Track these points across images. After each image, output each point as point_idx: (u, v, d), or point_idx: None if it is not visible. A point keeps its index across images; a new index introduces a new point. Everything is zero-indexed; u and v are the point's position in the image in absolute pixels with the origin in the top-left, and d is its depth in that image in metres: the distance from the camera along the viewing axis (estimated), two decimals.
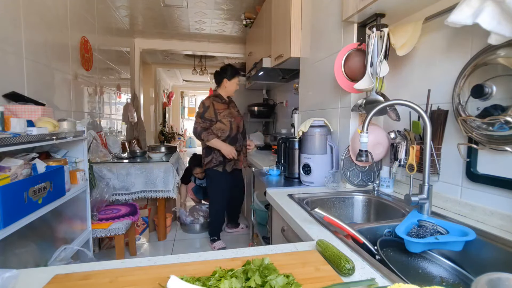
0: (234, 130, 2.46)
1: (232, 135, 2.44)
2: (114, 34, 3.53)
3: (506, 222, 0.87)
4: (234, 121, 2.46)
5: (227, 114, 2.43)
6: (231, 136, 2.44)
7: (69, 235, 1.62)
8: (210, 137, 2.35)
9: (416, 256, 0.88)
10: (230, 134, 2.43)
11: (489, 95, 0.88)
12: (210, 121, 2.40)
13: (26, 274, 0.61)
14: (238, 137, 2.49)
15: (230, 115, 2.45)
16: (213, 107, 2.40)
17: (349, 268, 0.60)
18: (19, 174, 1.19)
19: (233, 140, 2.45)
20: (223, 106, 2.45)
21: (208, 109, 2.40)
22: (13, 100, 1.50)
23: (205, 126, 2.39)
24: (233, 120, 2.45)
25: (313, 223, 0.96)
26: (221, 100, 2.47)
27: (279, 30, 2.30)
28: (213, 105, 2.41)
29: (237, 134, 2.48)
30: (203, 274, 0.55)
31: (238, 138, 2.49)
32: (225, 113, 2.42)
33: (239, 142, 2.51)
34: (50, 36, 1.96)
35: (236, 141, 2.47)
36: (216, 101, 2.44)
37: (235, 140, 2.47)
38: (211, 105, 2.41)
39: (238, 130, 2.50)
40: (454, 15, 0.84)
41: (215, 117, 2.40)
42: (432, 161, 1.06)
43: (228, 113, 2.44)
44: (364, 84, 1.22)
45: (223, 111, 2.42)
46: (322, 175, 1.46)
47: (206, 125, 2.39)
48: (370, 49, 1.20)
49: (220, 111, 2.42)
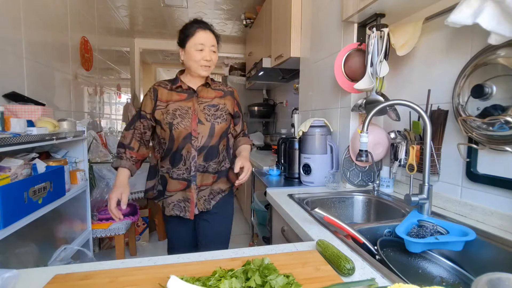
0: (179, 140, 1.21)
1: (174, 148, 1.22)
2: (114, 34, 3.53)
3: (506, 222, 0.87)
4: (182, 126, 1.20)
5: (174, 110, 1.21)
6: (173, 150, 1.23)
7: (69, 235, 1.62)
8: (116, 162, 1.23)
9: (416, 256, 0.88)
10: (171, 147, 1.22)
11: (489, 95, 0.88)
12: (142, 120, 1.25)
13: (26, 274, 0.61)
14: (185, 153, 1.22)
15: (178, 112, 1.21)
16: (153, 96, 1.24)
17: (349, 268, 0.60)
18: (19, 174, 1.19)
19: (175, 158, 1.23)
20: (176, 96, 1.25)
21: (145, 98, 1.27)
22: (13, 100, 1.50)
23: (126, 135, 1.26)
24: (182, 124, 1.20)
25: (313, 223, 0.96)
26: (170, 86, 1.26)
27: (279, 30, 2.30)
28: (153, 93, 1.25)
29: (183, 148, 1.22)
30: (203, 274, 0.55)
31: (185, 155, 1.22)
32: (171, 107, 1.22)
33: (189, 161, 1.22)
34: (50, 36, 1.96)
35: (180, 160, 1.23)
36: (161, 87, 1.26)
37: (179, 158, 1.23)
38: (150, 92, 1.26)
39: (188, 140, 1.21)
40: (454, 15, 0.84)
41: (151, 114, 1.24)
42: (432, 161, 1.06)
43: (177, 107, 1.22)
44: (364, 84, 1.22)
45: (170, 103, 1.23)
46: (322, 175, 1.46)
47: (130, 133, 1.25)
48: (370, 49, 1.20)
49: (163, 103, 1.23)
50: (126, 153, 1.23)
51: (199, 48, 1.21)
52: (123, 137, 1.26)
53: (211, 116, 1.26)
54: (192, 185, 1.25)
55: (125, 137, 1.26)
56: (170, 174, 1.25)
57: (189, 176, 1.24)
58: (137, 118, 1.27)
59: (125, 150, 1.23)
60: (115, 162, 1.23)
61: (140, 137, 1.27)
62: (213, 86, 1.32)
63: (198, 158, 1.23)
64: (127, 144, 1.24)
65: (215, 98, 1.30)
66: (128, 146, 1.24)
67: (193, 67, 1.22)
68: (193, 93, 1.26)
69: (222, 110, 1.29)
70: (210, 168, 1.27)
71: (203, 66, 1.22)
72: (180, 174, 1.25)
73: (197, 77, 1.27)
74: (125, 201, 1.12)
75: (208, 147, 1.24)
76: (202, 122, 1.23)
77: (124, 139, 1.26)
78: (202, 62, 1.21)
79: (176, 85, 1.25)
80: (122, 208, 1.12)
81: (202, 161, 1.24)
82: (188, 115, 1.22)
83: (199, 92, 1.27)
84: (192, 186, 1.25)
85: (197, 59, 1.21)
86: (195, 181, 1.25)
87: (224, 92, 1.34)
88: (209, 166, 1.26)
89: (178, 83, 1.25)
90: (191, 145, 1.22)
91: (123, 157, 1.23)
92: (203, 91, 1.29)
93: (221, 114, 1.27)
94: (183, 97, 1.25)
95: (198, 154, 1.23)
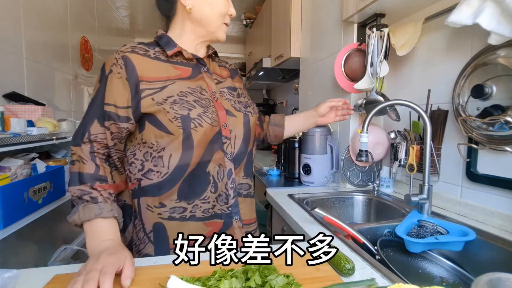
0: (201, 149, 0.70)
1: (192, 165, 0.70)
2: (114, 34, 3.53)
3: (506, 222, 0.87)
4: (207, 120, 0.69)
5: (182, 95, 0.69)
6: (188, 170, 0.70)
7: (69, 235, 1.62)
8: (85, 211, 0.63)
9: (416, 256, 0.88)
10: (184, 164, 0.69)
11: (489, 95, 0.88)
12: (108, 123, 0.68)
13: (26, 274, 0.61)
14: (213, 169, 0.72)
15: (191, 98, 0.70)
16: (125, 72, 0.67)
17: (349, 268, 0.60)
18: (19, 174, 1.19)
19: (195, 183, 0.71)
20: (173, 70, 0.72)
21: (108, 81, 0.68)
22: (13, 100, 1.50)
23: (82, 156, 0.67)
24: (206, 116, 0.69)
25: (313, 223, 0.96)
26: (155, 52, 0.72)
27: (279, 30, 2.30)
28: (125, 67, 0.67)
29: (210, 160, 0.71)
30: (203, 274, 0.55)
31: (214, 172, 0.72)
32: (174, 89, 0.69)
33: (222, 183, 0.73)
34: (50, 36, 1.96)
35: (206, 184, 0.71)
36: (137, 54, 0.69)
37: (202, 182, 0.71)
38: (116, 66, 0.67)
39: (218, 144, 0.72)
40: (454, 15, 0.84)
41: (130, 109, 0.68)
42: (432, 161, 1.06)
43: (185, 88, 0.71)
44: (364, 84, 1.22)
45: (168, 83, 0.69)
46: (322, 175, 1.46)
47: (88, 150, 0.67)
48: (370, 49, 1.20)
49: (152, 82, 0.68)
50: (97, 190, 0.65)
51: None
52: (79, 160, 0.66)
53: (237, 103, 0.78)
54: (234, 222, 0.75)
55: (82, 159, 0.66)
56: (179, 215, 0.70)
57: (226, 207, 0.73)
58: (97, 121, 0.67)
59: (92, 185, 0.65)
60: (83, 212, 0.63)
61: (107, 156, 0.70)
62: (216, 59, 0.87)
63: (236, 173, 0.75)
64: (92, 173, 0.66)
65: (228, 78, 0.84)
66: (95, 176, 0.66)
67: (212, 23, 0.74)
68: (200, 67, 0.77)
69: (243, 96, 0.84)
70: (252, 188, 0.80)
71: (226, 24, 0.77)
72: (206, 209, 0.71)
73: (204, 42, 0.78)
74: (130, 275, 0.55)
75: (246, 153, 0.77)
76: (231, 113, 0.75)
77: (83, 164, 0.66)
78: (227, 18, 0.76)
79: (172, 51, 0.72)
80: (126, 285, 0.53)
81: (243, 177, 0.77)
82: (208, 102, 0.72)
83: (208, 65, 0.79)
84: (234, 224, 0.75)
85: (222, 10, 0.74)
86: (238, 214, 0.75)
87: (230, 71, 0.89)
88: (251, 186, 0.80)
89: (174, 48, 0.72)
90: (223, 153, 0.72)
91: (96, 199, 0.64)
92: (211, 66, 0.82)
93: (246, 102, 0.82)
94: (186, 73, 0.73)
95: (236, 167, 0.75)
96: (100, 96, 0.69)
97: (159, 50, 0.73)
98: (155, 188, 0.70)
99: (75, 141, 0.69)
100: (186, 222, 0.71)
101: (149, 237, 0.71)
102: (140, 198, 0.72)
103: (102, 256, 0.56)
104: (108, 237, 0.63)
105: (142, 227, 0.72)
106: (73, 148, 0.68)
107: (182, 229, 0.70)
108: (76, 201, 0.66)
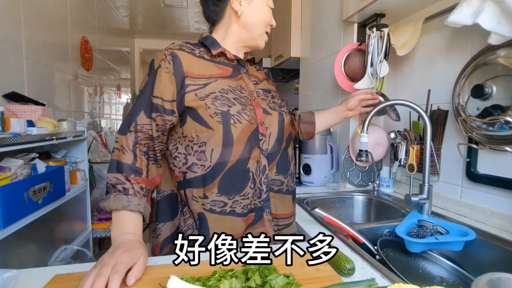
0: (240, 145, 0.72)
1: (231, 161, 0.72)
2: (114, 34, 3.53)
3: (506, 222, 0.87)
4: (246, 117, 0.72)
5: (223, 92, 0.73)
6: (228, 166, 0.72)
7: (69, 235, 1.62)
8: (115, 200, 0.65)
9: (416, 256, 0.88)
10: (224, 160, 0.71)
11: (489, 95, 0.88)
12: (155, 115, 0.70)
13: (26, 274, 0.61)
14: (253, 165, 0.74)
15: (232, 96, 0.74)
16: (173, 68, 0.71)
17: (349, 268, 0.60)
18: (19, 174, 1.19)
19: (236, 179, 0.73)
20: (216, 69, 0.76)
21: (157, 75, 0.71)
22: (13, 100, 1.50)
23: (124, 145, 0.69)
24: (244, 113, 0.73)
25: (313, 223, 0.96)
26: (200, 51, 0.77)
27: (279, 30, 2.30)
28: (173, 63, 0.71)
29: (249, 157, 0.73)
30: (203, 274, 0.55)
31: (253, 168, 0.74)
32: (216, 86, 0.73)
33: (259, 178, 0.75)
34: (50, 36, 1.96)
35: (246, 180, 0.73)
36: (184, 52, 0.73)
37: (242, 178, 0.73)
38: (165, 61, 0.71)
39: (255, 141, 0.74)
40: (454, 15, 0.84)
41: (175, 103, 0.71)
42: (432, 161, 1.06)
43: (226, 86, 0.75)
44: (364, 84, 1.22)
45: (211, 80, 0.73)
46: (322, 175, 1.46)
47: (132, 141, 0.69)
48: (370, 49, 1.20)
49: (196, 79, 0.72)
50: (131, 182, 0.67)
51: (271, 5, 0.82)
52: (120, 148, 0.69)
53: (272, 103, 0.83)
54: (265, 215, 0.77)
55: (123, 148, 0.69)
56: (220, 209, 0.72)
57: (258, 201, 0.76)
58: (144, 112, 0.70)
59: (128, 176, 0.67)
60: (113, 201, 0.65)
61: (148, 148, 0.71)
62: (254, 65, 0.95)
63: (269, 169, 0.77)
64: (129, 164, 0.68)
65: (263, 80, 0.90)
66: (131, 167, 0.68)
67: (256, 29, 0.80)
68: (240, 68, 0.81)
69: (276, 97, 0.88)
70: (285, 185, 0.81)
71: (267, 33, 0.84)
72: (246, 205, 0.73)
73: (244, 46, 0.84)
74: (137, 275, 0.56)
75: (281, 151, 0.79)
76: (267, 111, 0.79)
77: (122, 154, 0.68)
78: (268, 28, 0.83)
79: (217, 51, 0.76)
80: (129, 284, 0.54)
81: (275, 173, 0.78)
82: (246, 100, 0.76)
83: (247, 67, 0.85)
84: (264, 216, 0.77)
85: (267, 19, 0.80)
86: (269, 207, 0.77)
87: (266, 74, 0.94)
88: (284, 182, 0.80)
89: (219, 48, 0.77)
90: (259, 150, 0.75)
91: (127, 190, 0.66)
92: (250, 68, 0.87)
93: (280, 103, 0.86)
94: (227, 72, 0.77)
95: (269, 163, 0.77)
96: (148, 89, 0.72)
97: (204, 50, 0.78)
98: (200, 180, 0.73)
99: (122, 130, 0.71)
100: (226, 217, 0.73)
101: (197, 224, 0.75)
102: (186, 189, 0.75)
103: (118, 251, 0.58)
104: (130, 230, 0.65)
105: (191, 215, 0.76)
106: (118, 136, 0.71)
107: (222, 222, 0.72)
108: (110, 189, 0.68)
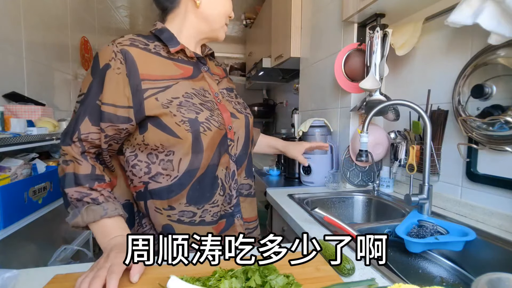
0: (210, 152, 0.68)
1: (201, 170, 0.68)
2: (114, 34, 3.53)
3: (506, 222, 0.87)
4: (215, 124, 0.68)
5: (187, 97, 0.67)
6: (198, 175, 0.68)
7: (69, 235, 1.62)
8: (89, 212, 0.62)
9: (416, 256, 0.88)
10: (193, 168, 0.67)
11: (489, 95, 0.88)
12: (105, 125, 0.63)
13: (26, 274, 0.61)
14: (222, 172, 0.71)
15: (197, 100, 0.68)
16: (125, 68, 0.62)
17: (349, 268, 0.60)
18: (19, 174, 1.19)
19: (205, 187, 0.69)
20: (176, 69, 0.68)
21: (106, 77, 0.62)
22: (13, 100, 1.50)
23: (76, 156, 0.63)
24: (213, 120, 0.68)
25: (313, 223, 0.96)
26: (155, 47, 0.68)
27: (279, 30, 2.30)
28: (124, 61, 0.62)
29: (218, 164, 0.70)
30: (203, 274, 0.55)
31: (222, 176, 0.72)
32: (179, 89, 0.66)
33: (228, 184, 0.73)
34: (50, 36, 1.96)
35: (215, 188, 0.70)
36: (137, 48, 0.65)
37: (211, 185, 0.70)
38: (114, 60, 0.62)
39: (224, 147, 0.72)
40: (454, 15, 0.84)
41: (132, 110, 0.63)
42: (432, 161, 1.06)
43: (189, 89, 0.68)
44: (370, 84, 1.21)
45: (171, 83, 0.66)
46: (322, 175, 1.46)
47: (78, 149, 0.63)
48: (374, 49, 1.20)
49: (154, 81, 0.64)
50: (97, 190, 0.64)
51: None
52: (73, 160, 0.63)
53: (237, 104, 0.79)
54: (236, 220, 0.75)
55: (76, 159, 0.63)
56: (189, 219, 0.69)
57: (228, 207, 0.74)
58: (88, 120, 0.63)
59: (91, 186, 0.63)
60: (86, 214, 0.62)
61: (97, 154, 0.68)
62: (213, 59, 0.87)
63: (238, 174, 0.75)
64: (89, 173, 0.64)
65: (224, 78, 0.84)
66: (92, 176, 0.64)
67: (218, 21, 0.74)
68: (200, 65, 0.75)
69: (238, 97, 0.84)
70: (252, 188, 0.81)
71: (226, 25, 0.78)
72: (215, 213, 0.71)
73: (203, 39, 0.77)
74: (140, 270, 0.56)
75: (247, 155, 0.79)
76: (235, 115, 0.75)
77: (78, 165, 0.63)
78: (227, 19, 0.77)
79: (175, 49, 0.69)
80: (134, 280, 0.54)
81: (244, 177, 0.78)
82: (212, 105, 0.70)
83: (208, 64, 0.79)
84: (236, 222, 0.75)
85: (227, 10, 0.75)
86: (240, 212, 0.76)
87: (224, 70, 0.88)
88: (252, 186, 0.81)
89: (178, 46, 0.69)
90: (228, 155, 0.73)
91: (97, 200, 0.63)
92: (210, 65, 0.80)
93: (243, 103, 0.83)
94: (188, 72, 0.70)
95: (238, 168, 0.75)
96: (94, 93, 0.63)
97: (159, 45, 0.70)
98: (164, 191, 0.67)
99: (64, 140, 0.64)
100: (195, 227, 0.70)
101: None
102: (147, 200, 0.69)
103: (112, 253, 0.56)
104: (117, 233, 0.63)
105: (152, 227, 0.72)
106: (63, 148, 0.64)
107: (191, 232, 0.68)
108: (75, 204, 0.63)
